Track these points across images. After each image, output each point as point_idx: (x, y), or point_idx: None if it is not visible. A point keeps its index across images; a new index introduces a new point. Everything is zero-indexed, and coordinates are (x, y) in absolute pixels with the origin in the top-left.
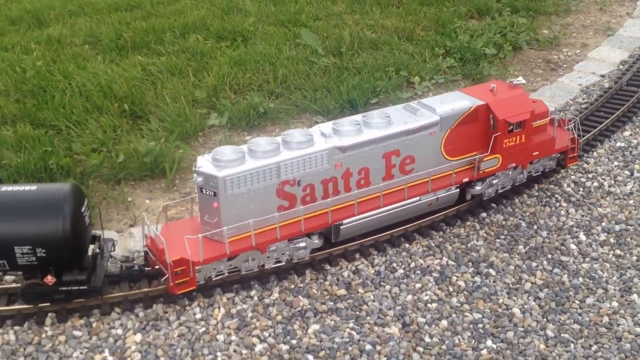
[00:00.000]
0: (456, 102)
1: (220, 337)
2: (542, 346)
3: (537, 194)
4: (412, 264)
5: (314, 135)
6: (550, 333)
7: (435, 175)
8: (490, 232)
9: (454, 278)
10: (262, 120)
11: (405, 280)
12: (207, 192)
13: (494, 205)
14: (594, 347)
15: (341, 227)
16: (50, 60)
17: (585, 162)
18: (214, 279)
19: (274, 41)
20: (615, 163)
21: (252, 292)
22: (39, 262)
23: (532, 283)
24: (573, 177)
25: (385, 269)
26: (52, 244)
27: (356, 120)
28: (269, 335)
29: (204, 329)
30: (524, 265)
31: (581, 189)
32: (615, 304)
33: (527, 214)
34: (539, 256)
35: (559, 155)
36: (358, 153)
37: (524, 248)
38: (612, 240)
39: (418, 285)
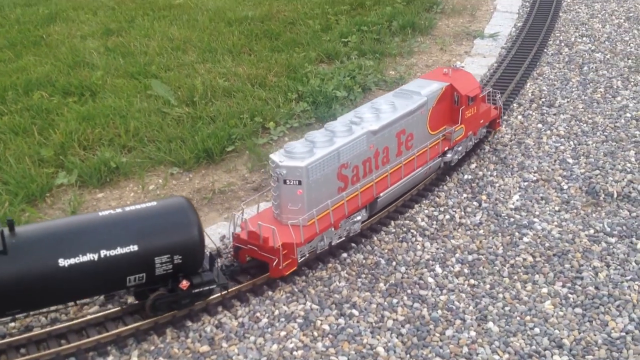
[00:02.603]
0: (430, 85)
1: None
2: None
3: (394, 230)
4: (276, 312)
5: (351, 124)
6: None
7: (429, 147)
8: (352, 272)
9: (319, 322)
10: (114, 175)
11: (270, 329)
12: (291, 182)
13: (353, 245)
14: None
15: (378, 199)
16: None
17: (437, 196)
18: (298, 261)
19: (124, 94)
20: (464, 195)
21: (109, 358)
22: (173, 270)
23: (394, 320)
24: (426, 211)
25: (249, 319)
26: (187, 250)
27: (373, 108)
28: None
29: None
30: (385, 303)
31: (434, 222)
32: (473, 333)
33: (386, 251)
34: (399, 292)
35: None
36: (384, 134)
37: (385, 285)
38: (466, 270)
39: (283, 333)
